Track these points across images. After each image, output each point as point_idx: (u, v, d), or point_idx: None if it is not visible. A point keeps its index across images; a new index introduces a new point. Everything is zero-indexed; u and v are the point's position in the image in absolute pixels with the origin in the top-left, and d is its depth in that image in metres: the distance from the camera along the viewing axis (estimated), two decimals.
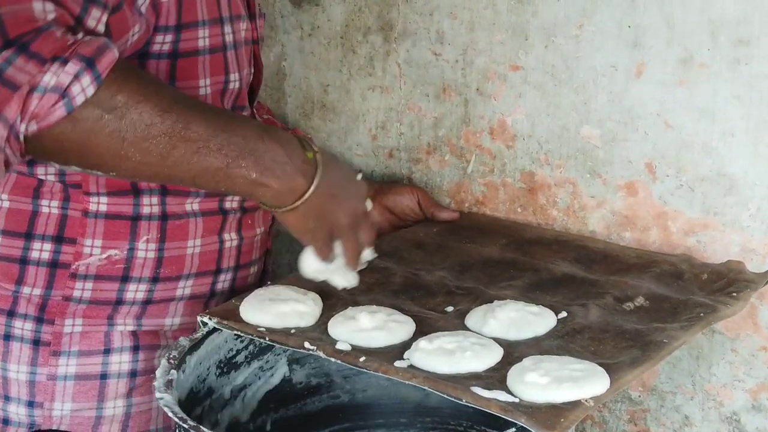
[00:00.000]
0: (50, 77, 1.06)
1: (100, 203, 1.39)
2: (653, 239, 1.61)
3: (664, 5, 1.52)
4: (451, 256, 1.58)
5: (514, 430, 1.10)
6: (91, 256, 1.40)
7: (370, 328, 1.29)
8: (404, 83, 1.83)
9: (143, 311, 1.44)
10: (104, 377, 1.43)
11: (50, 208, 1.39)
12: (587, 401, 1.13)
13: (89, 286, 1.41)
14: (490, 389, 1.15)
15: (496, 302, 1.37)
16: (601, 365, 1.20)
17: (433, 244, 1.64)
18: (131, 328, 1.44)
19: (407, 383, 1.20)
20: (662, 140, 1.57)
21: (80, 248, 1.39)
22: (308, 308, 1.36)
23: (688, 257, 1.54)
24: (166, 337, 1.47)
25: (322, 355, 1.26)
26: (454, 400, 1.15)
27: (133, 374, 1.44)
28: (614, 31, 1.58)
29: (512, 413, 1.11)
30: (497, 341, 1.27)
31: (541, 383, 1.14)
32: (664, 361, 1.28)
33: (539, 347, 1.27)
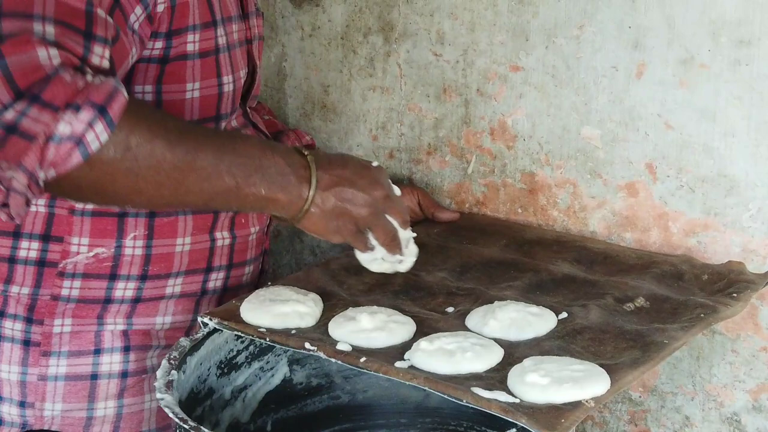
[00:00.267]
0: (65, 126, 1.09)
1: None
2: (654, 240, 1.61)
3: (664, 6, 1.52)
4: (451, 256, 1.58)
5: (514, 430, 1.10)
6: (78, 254, 1.40)
7: (370, 328, 1.29)
8: (405, 84, 1.83)
9: (133, 310, 1.44)
10: (95, 377, 1.43)
11: (37, 206, 1.39)
12: (588, 402, 1.13)
13: (77, 284, 1.41)
14: (490, 390, 1.15)
15: (496, 303, 1.37)
16: (601, 366, 1.20)
17: (433, 244, 1.64)
18: (121, 327, 1.44)
19: (408, 384, 1.20)
20: (663, 141, 1.57)
21: (67, 246, 1.39)
22: (309, 309, 1.36)
23: (688, 258, 1.54)
24: (157, 337, 1.46)
25: (322, 355, 1.26)
26: (454, 400, 1.15)
27: (124, 375, 1.44)
28: (615, 31, 1.58)
29: (513, 414, 1.11)
30: (498, 342, 1.27)
31: (541, 384, 1.14)
32: (664, 361, 1.28)
33: (540, 348, 1.27)
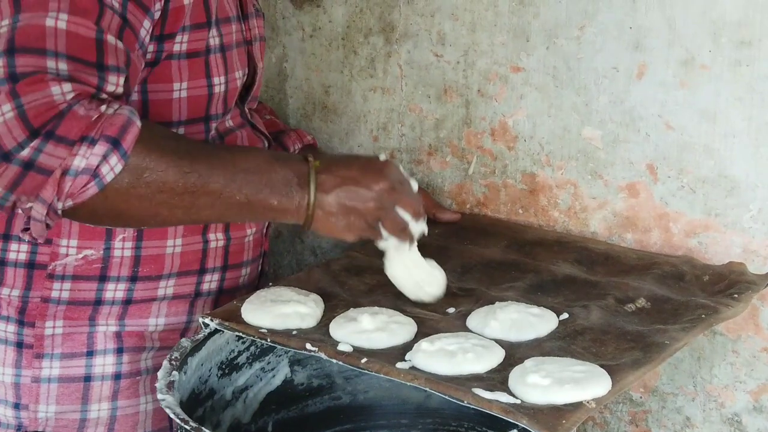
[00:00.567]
0: (80, 160, 1.14)
1: None
2: (654, 240, 1.61)
3: (665, 7, 1.52)
4: (452, 257, 1.58)
5: (515, 431, 1.10)
6: (67, 256, 1.40)
7: (371, 329, 1.29)
8: (405, 84, 1.84)
9: (125, 311, 1.43)
10: (88, 379, 1.43)
11: None
12: (589, 403, 1.13)
13: (67, 286, 1.41)
14: (491, 391, 1.15)
15: (497, 303, 1.37)
16: (602, 367, 1.20)
17: (434, 245, 1.63)
18: (114, 329, 1.44)
19: (409, 385, 1.20)
20: (663, 141, 1.57)
21: (56, 248, 1.40)
22: (309, 309, 1.36)
23: (689, 258, 1.54)
24: (151, 338, 1.46)
25: (323, 356, 1.26)
26: (455, 401, 1.15)
27: (117, 377, 1.44)
28: (615, 32, 1.58)
29: (514, 415, 1.11)
30: (499, 343, 1.27)
31: (542, 385, 1.14)
32: (665, 362, 1.28)
33: (541, 349, 1.27)
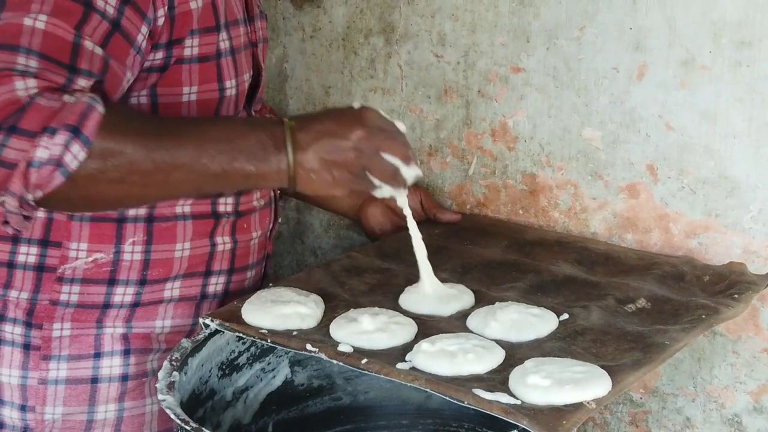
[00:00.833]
0: (42, 151, 1.14)
1: None
2: (655, 241, 1.61)
3: (665, 7, 1.52)
4: (452, 257, 1.58)
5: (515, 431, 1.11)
6: (77, 259, 1.40)
7: (371, 330, 1.29)
8: (406, 85, 1.84)
9: (132, 314, 1.43)
10: (95, 381, 1.43)
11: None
12: (589, 403, 1.13)
13: (76, 289, 1.41)
14: (491, 391, 1.15)
15: (497, 304, 1.37)
16: (602, 367, 1.20)
17: (434, 245, 1.63)
18: (121, 331, 1.44)
19: (409, 385, 1.20)
20: (664, 142, 1.57)
21: (66, 252, 1.40)
22: (310, 310, 1.36)
23: (689, 259, 1.54)
24: (158, 340, 1.46)
25: (324, 357, 1.26)
26: (455, 402, 1.15)
27: (124, 378, 1.44)
28: (616, 33, 1.58)
29: (514, 415, 1.11)
30: (499, 343, 1.27)
31: (542, 385, 1.14)
32: (665, 363, 1.28)
33: (541, 349, 1.27)
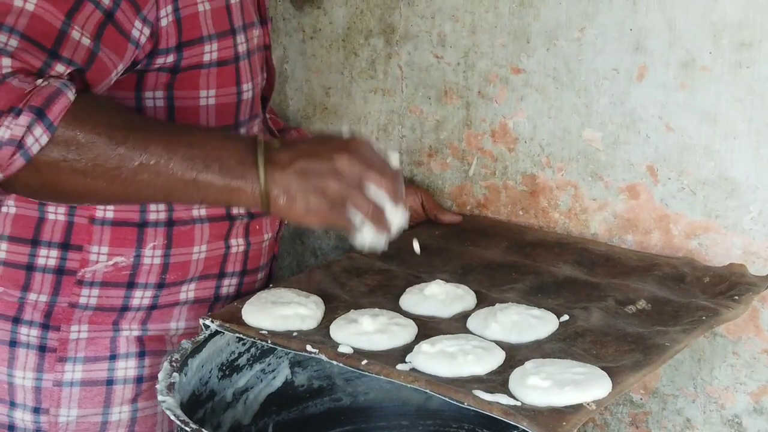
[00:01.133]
0: (3, 131, 1.11)
1: (106, 210, 1.39)
2: (655, 242, 1.61)
3: (665, 8, 1.52)
4: (453, 258, 1.58)
5: None
6: (97, 263, 1.40)
7: (372, 331, 1.29)
8: (406, 86, 1.84)
9: (148, 316, 1.44)
10: (110, 383, 1.43)
11: (57, 214, 1.39)
12: (589, 404, 1.13)
13: (95, 293, 1.41)
14: (491, 392, 1.15)
15: (497, 305, 1.37)
16: (603, 368, 1.20)
17: (435, 246, 1.64)
18: (137, 333, 1.44)
19: (409, 386, 1.20)
20: (664, 143, 1.57)
21: (86, 255, 1.39)
22: (310, 311, 1.36)
23: (689, 260, 1.54)
24: (171, 342, 1.46)
25: (324, 358, 1.26)
26: (455, 403, 1.15)
27: (139, 380, 1.44)
28: (616, 34, 1.58)
29: (514, 416, 1.11)
30: (499, 344, 1.27)
31: (543, 386, 1.14)
32: (665, 364, 1.28)
33: (541, 350, 1.27)
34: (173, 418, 1.17)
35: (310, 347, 1.28)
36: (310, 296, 1.40)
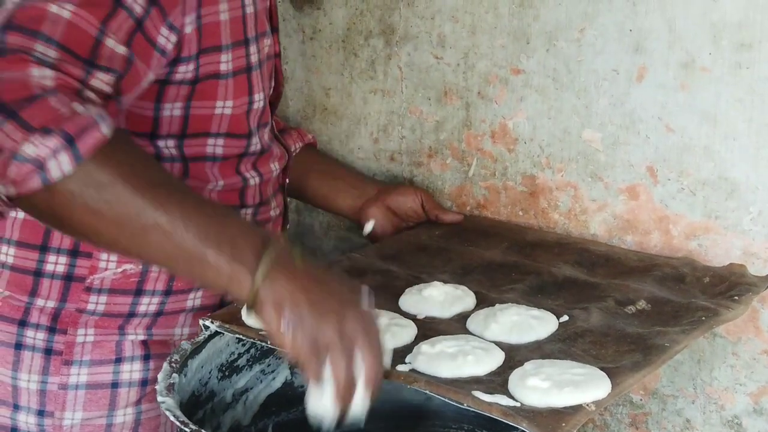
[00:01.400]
0: (30, 147, 1.08)
1: None
2: (655, 243, 1.61)
3: (665, 9, 1.52)
4: (453, 259, 1.58)
5: None
6: (106, 270, 1.39)
7: None
8: (406, 87, 1.84)
9: (154, 322, 1.44)
10: (115, 386, 1.43)
11: None
12: (589, 405, 1.13)
13: (103, 299, 1.40)
14: (491, 393, 1.15)
15: (497, 306, 1.37)
16: (602, 369, 1.20)
17: (435, 247, 1.64)
18: (142, 337, 1.44)
19: (408, 387, 1.20)
20: (664, 144, 1.57)
21: (96, 262, 1.39)
22: None
23: (689, 260, 1.54)
24: (174, 345, 1.46)
25: None
26: (455, 404, 1.15)
27: (144, 383, 1.44)
28: (616, 34, 1.58)
29: (513, 417, 1.11)
30: (499, 345, 1.27)
31: (542, 387, 1.14)
32: (665, 364, 1.28)
33: (541, 351, 1.27)
34: (173, 418, 1.17)
35: None
36: None
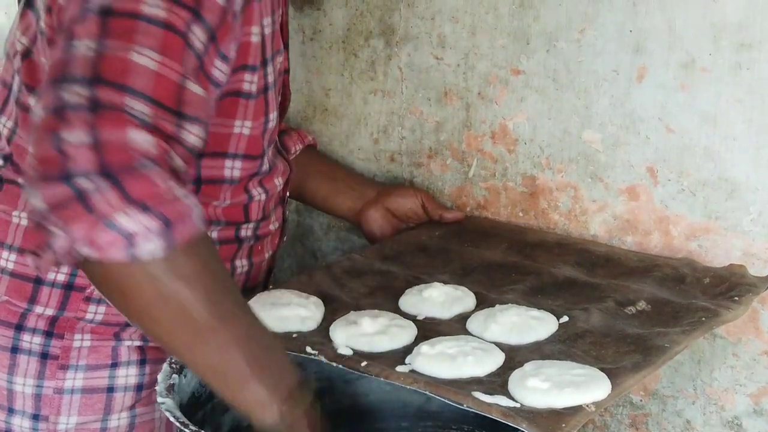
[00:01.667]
0: (124, 219, 1.04)
1: None
2: (655, 243, 1.61)
3: (665, 9, 1.52)
4: (453, 259, 1.58)
5: None
6: None
7: (371, 332, 1.29)
8: (406, 87, 1.84)
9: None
10: (111, 390, 1.42)
11: None
12: (589, 406, 1.13)
13: (102, 309, 1.40)
14: (491, 394, 1.15)
15: (497, 306, 1.37)
16: (602, 370, 1.20)
17: (435, 247, 1.64)
18: (138, 343, 1.44)
19: (409, 388, 1.20)
20: (664, 144, 1.57)
21: None
22: (310, 312, 1.36)
23: (689, 261, 1.54)
24: None
25: (323, 359, 1.26)
26: (455, 404, 1.15)
27: (139, 388, 1.43)
28: (616, 35, 1.58)
29: (513, 418, 1.10)
30: (499, 346, 1.27)
31: (542, 388, 1.14)
32: (665, 365, 1.28)
33: (541, 352, 1.27)
34: (173, 419, 1.17)
35: (309, 349, 1.27)
36: (309, 297, 1.40)
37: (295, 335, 1.32)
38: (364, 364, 1.23)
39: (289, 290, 1.43)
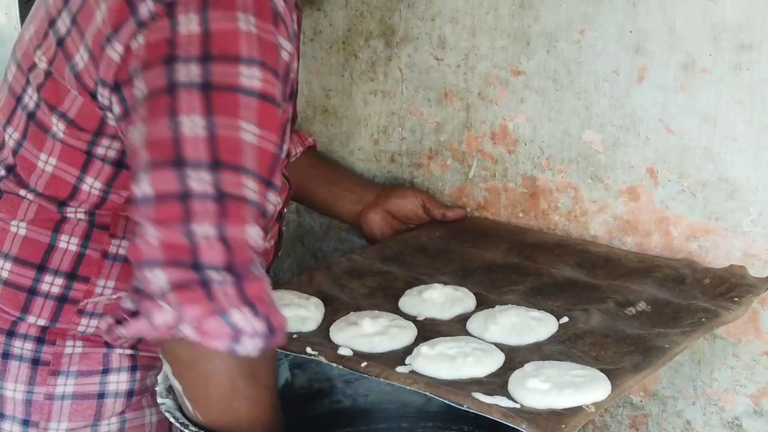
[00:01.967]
0: (238, 315, 1.09)
1: (120, 246, 1.37)
2: (655, 244, 1.61)
3: (665, 10, 1.52)
4: (453, 260, 1.58)
5: None
6: (101, 295, 1.38)
7: (372, 333, 1.29)
8: (406, 88, 1.84)
9: (140, 340, 1.43)
10: (102, 396, 1.42)
11: (69, 244, 1.36)
12: (588, 407, 1.13)
13: (94, 322, 1.39)
14: (491, 395, 1.15)
15: (497, 307, 1.37)
16: (602, 371, 1.20)
17: (435, 248, 1.64)
18: (129, 351, 1.43)
19: (408, 388, 1.20)
20: (664, 145, 1.57)
21: (92, 287, 1.38)
22: (310, 313, 1.36)
23: (690, 262, 1.54)
24: (161, 359, 1.46)
25: (323, 360, 1.26)
26: (455, 405, 1.15)
27: (130, 394, 1.43)
28: (616, 36, 1.58)
29: (513, 419, 1.10)
30: (498, 346, 1.27)
31: (542, 389, 1.14)
32: (665, 366, 1.28)
33: (540, 352, 1.27)
34: (173, 420, 1.17)
35: (309, 349, 1.28)
36: (310, 298, 1.40)
37: (295, 336, 1.32)
38: (364, 364, 1.23)
39: (289, 291, 1.43)
